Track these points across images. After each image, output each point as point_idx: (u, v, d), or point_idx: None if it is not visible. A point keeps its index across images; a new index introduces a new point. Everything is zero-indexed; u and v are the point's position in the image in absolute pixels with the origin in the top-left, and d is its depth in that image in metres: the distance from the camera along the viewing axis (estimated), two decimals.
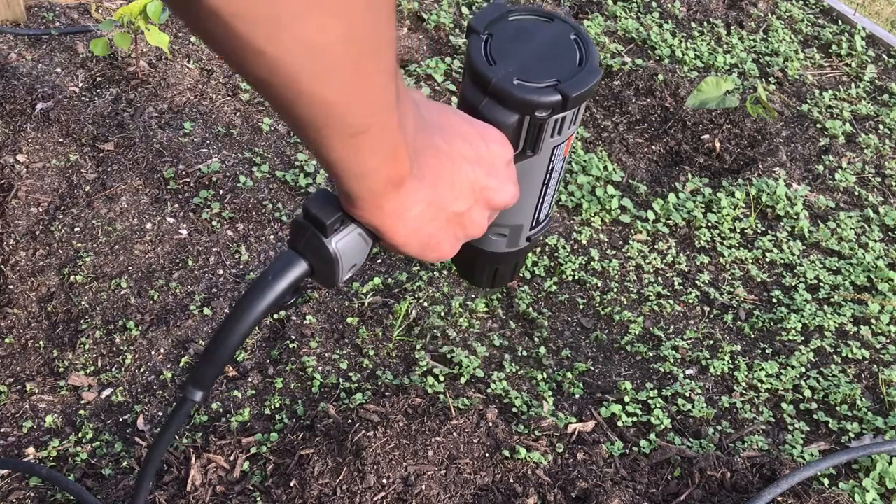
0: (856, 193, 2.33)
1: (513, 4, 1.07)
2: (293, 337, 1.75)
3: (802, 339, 1.90)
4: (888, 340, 1.92)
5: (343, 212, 0.65)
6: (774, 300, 2.00)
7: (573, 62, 0.74)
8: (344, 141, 0.56)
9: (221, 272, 1.87)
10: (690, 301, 1.97)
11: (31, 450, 1.53)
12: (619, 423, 1.66)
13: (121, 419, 1.60)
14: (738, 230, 2.17)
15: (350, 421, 1.55)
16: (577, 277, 1.98)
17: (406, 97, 0.60)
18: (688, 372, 1.80)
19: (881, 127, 2.56)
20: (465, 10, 2.77)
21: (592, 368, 1.79)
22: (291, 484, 1.44)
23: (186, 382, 0.70)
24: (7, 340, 1.70)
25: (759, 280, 2.05)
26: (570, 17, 0.98)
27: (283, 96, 0.52)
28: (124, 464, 1.51)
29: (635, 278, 2.01)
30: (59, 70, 2.29)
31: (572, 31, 0.77)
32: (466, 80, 0.74)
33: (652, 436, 1.64)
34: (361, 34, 0.51)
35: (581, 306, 1.93)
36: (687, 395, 1.74)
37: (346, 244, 0.66)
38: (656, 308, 1.94)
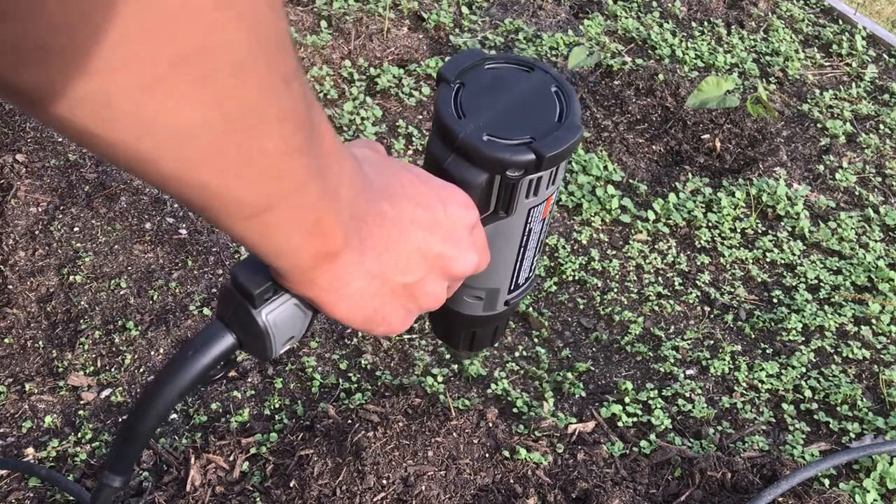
0: (856, 193, 2.32)
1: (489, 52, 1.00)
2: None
3: (803, 339, 1.90)
4: (889, 340, 1.92)
5: (273, 280, 0.57)
6: (775, 300, 1.99)
7: (552, 117, 0.67)
8: (241, 223, 0.47)
9: (221, 272, 1.87)
10: (691, 301, 1.97)
11: (30, 450, 1.53)
12: (620, 424, 1.66)
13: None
14: (739, 230, 2.17)
15: (350, 421, 1.54)
16: (577, 277, 1.98)
17: (341, 160, 0.52)
18: (688, 372, 1.80)
19: (882, 127, 2.56)
20: (465, 9, 2.77)
21: (592, 368, 1.79)
22: (291, 484, 1.44)
23: (103, 467, 0.64)
24: (6, 340, 1.70)
25: (759, 280, 2.05)
26: (552, 68, 0.92)
27: (147, 179, 0.43)
28: None
29: (635, 278, 2.01)
30: None
31: (553, 82, 0.70)
32: (433, 134, 0.67)
33: (652, 436, 1.63)
34: (236, 111, 0.41)
35: (581, 306, 1.92)
36: (687, 395, 1.74)
37: (278, 316, 0.59)
38: (656, 308, 1.94)
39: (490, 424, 1.56)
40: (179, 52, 0.37)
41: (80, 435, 1.56)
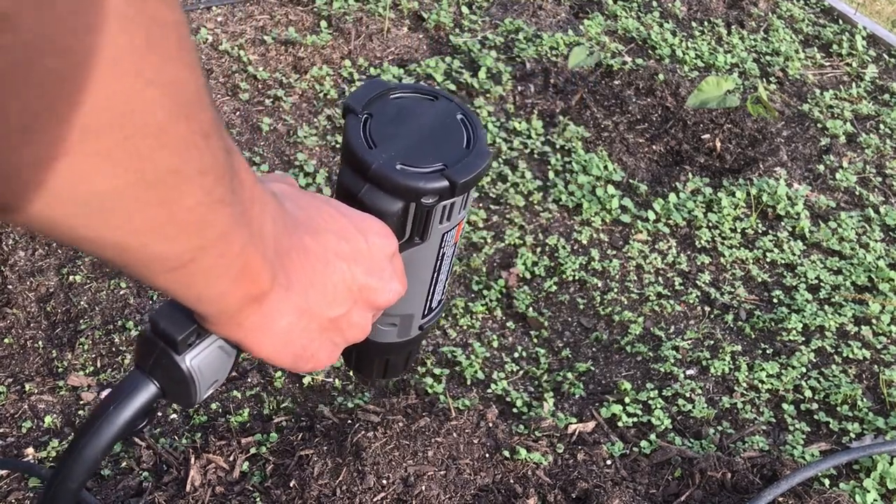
0: (857, 193, 2.32)
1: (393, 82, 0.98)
2: None
3: (803, 339, 1.90)
4: (889, 341, 1.92)
5: (197, 324, 0.56)
6: (775, 300, 1.99)
7: (460, 144, 0.68)
8: (163, 276, 0.46)
9: None
10: (691, 301, 1.97)
11: (30, 450, 1.52)
12: (620, 424, 1.66)
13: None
14: (739, 230, 2.17)
15: (350, 421, 1.54)
16: (577, 277, 1.98)
17: (263, 200, 0.51)
18: (688, 372, 1.80)
19: (882, 127, 2.56)
20: (465, 9, 2.77)
21: (593, 368, 1.79)
22: (291, 484, 1.44)
23: None
24: (6, 340, 1.70)
25: (759, 280, 2.04)
26: (455, 97, 0.92)
27: (67, 242, 0.41)
28: (123, 464, 1.51)
29: (636, 278, 2.01)
30: None
31: (458, 110, 0.71)
32: (344, 166, 0.67)
33: (652, 436, 1.63)
34: (162, 169, 0.40)
35: (581, 306, 1.92)
36: (687, 395, 1.74)
37: (202, 360, 0.57)
38: (657, 308, 1.94)
39: (490, 424, 1.56)
40: (89, 122, 0.36)
41: None
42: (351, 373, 1.73)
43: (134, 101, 0.37)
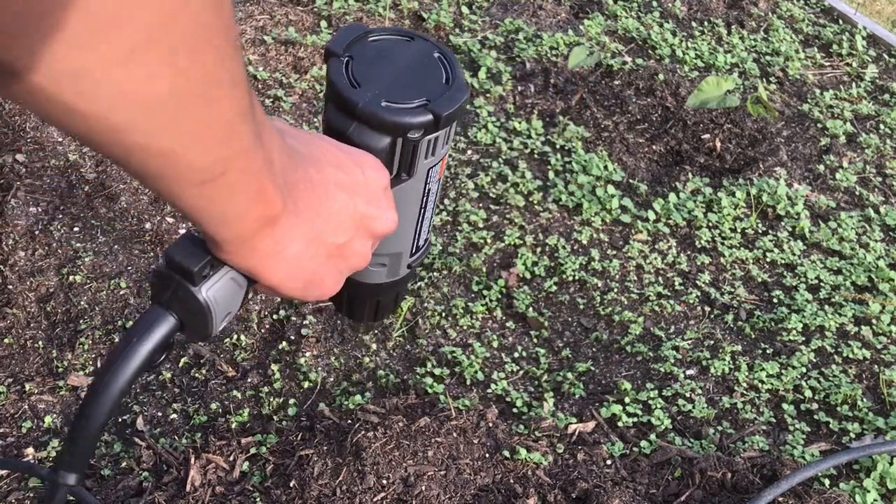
0: (857, 193, 2.32)
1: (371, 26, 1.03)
2: (293, 337, 1.75)
3: (803, 339, 1.90)
4: (889, 341, 1.92)
5: (212, 256, 0.59)
6: (775, 300, 1.99)
7: (440, 81, 0.72)
8: (193, 190, 0.49)
9: None
10: (691, 301, 1.97)
11: (30, 450, 1.52)
12: (620, 424, 1.66)
13: (120, 419, 1.60)
14: (739, 230, 2.17)
15: (350, 421, 1.54)
16: (577, 277, 1.98)
17: (269, 130, 0.54)
18: (688, 372, 1.80)
19: (882, 127, 2.56)
20: (465, 9, 2.77)
21: (592, 368, 1.79)
22: (291, 484, 1.44)
23: (56, 466, 0.62)
24: (6, 340, 1.70)
25: (759, 280, 2.04)
26: (431, 37, 1.00)
27: (110, 151, 0.45)
28: (123, 464, 1.51)
29: (636, 278, 2.01)
30: None
31: (435, 49, 0.75)
32: (330, 106, 0.70)
33: (652, 436, 1.63)
34: (199, 78, 0.44)
35: (581, 306, 1.92)
36: (687, 395, 1.74)
37: (217, 291, 0.60)
38: (657, 308, 1.94)
39: (490, 424, 1.56)
40: (149, 26, 0.39)
41: None
42: (343, 318, 1.73)
43: (185, 9, 0.41)
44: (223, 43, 0.45)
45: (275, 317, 1.80)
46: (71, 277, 1.81)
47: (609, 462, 1.56)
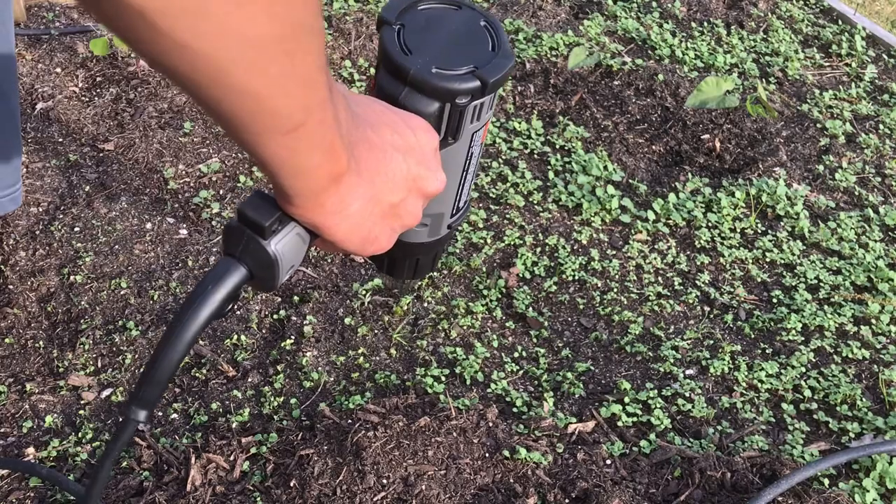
0: (856, 193, 2.33)
1: None
2: (293, 337, 1.75)
3: (803, 339, 1.90)
4: (888, 340, 1.92)
5: (281, 212, 0.63)
6: (775, 300, 2.00)
7: (487, 48, 0.75)
8: (278, 138, 0.54)
9: None
10: (690, 301, 1.97)
11: (31, 450, 1.53)
12: (619, 423, 1.66)
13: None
14: (739, 230, 2.17)
15: (350, 421, 1.55)
16: (577, 277, 1.98)
17: (336, 89, 0.58)
18: (688, 372, 1.80)
19: (881, 127, 2.56)
20: None
21: (592, 368, 1.79)
22: (291, 484, 1.44)
23: (128, 402, 0.66)
24: (7, 340, 1.70)
25: (759, 280, 2.05)
26: (477, 6, 1.07)
27: (209, 92, 0.50)
28: (124, 464, 1.51)
29: (635, 278, 2.01)
30: (59, 70, 2.29)
31: (481, 17, 0.78)
32: (382, 72, 0.74)
33: (652, 436, 1.64)
34: (295, 23, 0.49)
35: (581, 306, 1.92)
36: (687, 395, 1.74)
37: (284, 245, 0.65)
38: (656, 308, 1.94)
39: (490, 424, 1.56)
40: None
41: (80, 435, 1.56)
42: (382, 277, 1.74)
43: None
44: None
45: (275, 317, 1.80)
46: (71, 277, 1.81)
47: (609, 462, 1.56)
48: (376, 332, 1.79)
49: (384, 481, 1.43)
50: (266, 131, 0.53)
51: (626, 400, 1.70)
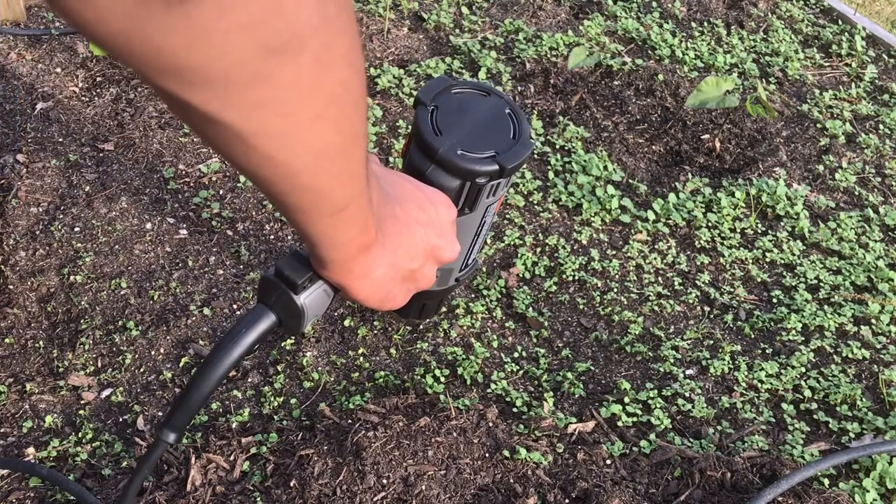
0: (856, 193, 2.33)
1: (455, 78, 1.20)
2: (293, 337, 1.75)
3: (803, 339, 1.90)
4: (888, 340, 1.92)
5: (312, 272, 0.73)
6: (775, 300, 2.00)
7: (508, 136, 0.84)
8: (325, 219, 0.64)
9: (221, 272, 1.87)
10: (690, 301, 1.97)
11: (31, 450, 1.53)
12: (619, 424, 1.66)
13: (121, 419, 1.60)
14: (739, 230, 2.17)
15: (350, 421, 1.55)
16: (577, 277, 1.98)
17: (371, 173, 0.67)
18: (688, 372, 1.80)
19: (881, 127, 2.56)
20: (465, 10, 2.77)
21: (592, 368, 1.79)
22: (291, 484, 1.44)
23: (161, 425, 0.74)
24: (7, 340, 1.70)
25: (759, 280, 2.05)
26: (505, 93, 1.21)
27: (280, 188, 0.59)
28: (124, 464, 1.51)
29: (635, 278, 2.01)
30: (59, 70, 2.29)
31: (507, 105, 0.86)
32: (413, 147, 0.82)
33: (652, 436, 1.64)
34: (350, 132, 0.58)
35: (581, 306, 1.92)
36: (687, 395, 1.74)
37: (312, 300, 0.74)
38: (656, 308, 1.94)
39: (490, 424, 1.56)
40: (329, 96, 0.54)
41: (80, 435, 1.56)
42: (388, 315, 1.84)
43: (351, 82, 0.56)
44: (363, 107, 0.59)
45: None
46: (72, 277, 1.81)
47: (609, 462, 1.56)
48: (376, 332, 1.79)
49: (384, 481, 1.43)
50: (319, 214, 0.63)
51: (626, 400, 1.70)
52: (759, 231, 2.18)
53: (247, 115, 0.52)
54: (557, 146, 2.33)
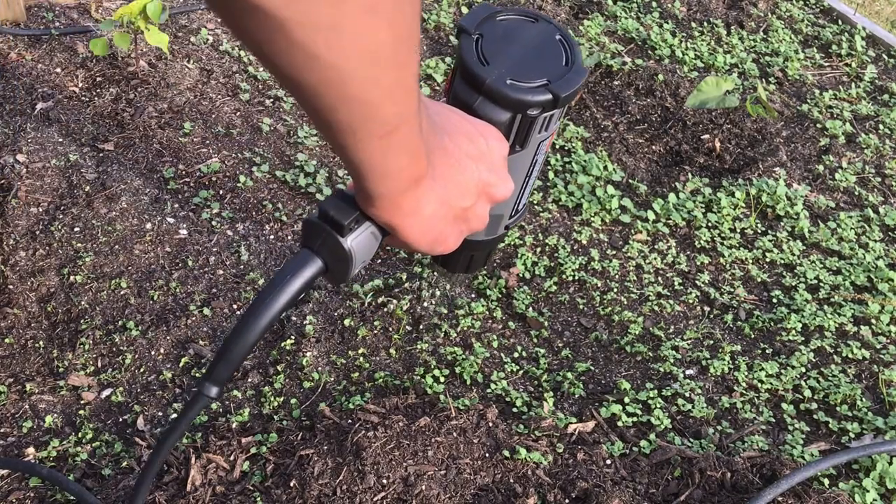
0: (856, 193, 2.33)
1: (500, 5, 1.11)
2: (293, 337, 1.75)
3: (802, 339, 1.90)
4: (888, 340, 1.92)
5: (359, 212, 0.67)
6: (774, 300, 2.00)
7: (560, 62, 0.77)
8: (375, 141, 0.58)
9: (221, 272, 1.87)
10: (690, 301, 1.97)
11: (31, 450, 1.53)
12: (619, 424, 1.66)
13: (121, 419, 1.60)
14: (739, 230, 2.17)
15: (350, 421, 1.55)
16: (577, 277, 1.98)
17: (423, 98, 0.62)
18: (688, 372, 1.80)
19: (881, 127, 2.56)
20: (464, 10, 2.77)
21: (592, 368, 1.79)
22: (291, 484, 1.44)
23: (203, 379, 0.70)
24: (7, 340, 1.70)
25: (759, 280, 2.05)
26: (553, 19, 1.11)
27: (326, 101, 0.54)
28: (124, 464, 1.51)
29: (635, 278, 2.01)
30: (59, 70, 2.29)
31: (557, 31, 0.80)
32: (458, 80, 0.77)
33: (652, 436, 1.64)
34: (404, 34, 0.53)
35: (581, 306, 1.92)
36: (687, 395, 1.74)
37: (359, 243, 0.69)
38: (656, 308, 1.94)
39: (490, 424, 1.56)
40: None
41: (80, 435, 1.56)
42: (433, 268, 1.78)
43: None
44: (418, 4, 0.54)
45: None
46: (71, 277, 1.81)
47: (609, 462, 1.56)
48: (376, 332, 1.79)
49: (384, 481, 1.43)
50: (368, 136, 0.57)
51: (626, 400, 1.70)
52: (759, 231, 2.18)
53: (291, 0, 0.47)
54: (557, 146, 2.33)
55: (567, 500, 1.47)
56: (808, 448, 1.65)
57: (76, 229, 1.91)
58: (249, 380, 1.67)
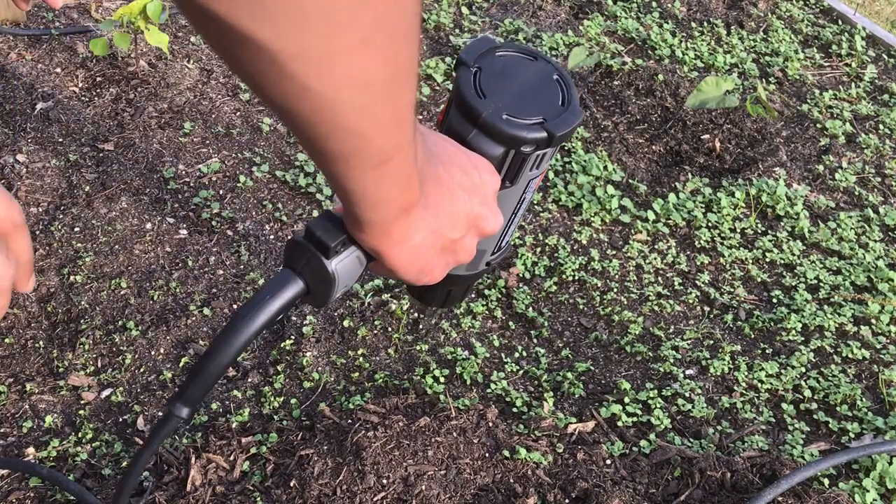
0: (856, 193, 2.33)
1: (501, 41, 1.10)
2: (293, 337, 1.75)
3: (802, 339, 1.90)
4: (888, 340, 1.92)
5: (346, 235, 0.66)
6: (774, 300, 2.00)
7: (557, 101, 0.77)
8: (368, 171, 0.57)
9: (221, 272, 1.87)
10: (690, 301, 1.97)
11: (31, 450, 1.53)
12: (619, 424, 1.66)
13: (121, 419, 1.60)
14: (739, 230, 2.17)
15: (350, 421, 1.55)
16: (577, 277, 1.98)
17: (418, 126, 0.61)
18: (688, 372, 1.80)
19: (881, 127, 2.56)
20: (464, 10, 2.77)
21: (592, 368, 1.79)
22: (291, 484, 1.44)
23: (174, 398, 0.67)
24: (7, 340, 1.70)
25: (759, 280, 2.05)
26: (552, 58, 1.10)
27: (319, 130, 0.54)
28: (124, 464, 1.51)
29: (635, 278, 2.01)
30: (59, 70, 2.29)
31: (555, 71, 0.80)
32: (454, 111, 0.76)
33: (652, 436, 1.64)
34: (399, 65, 0.52)
35: (581, 306, 1.92)
36: (687, 395, 1.74)
37: (344, 266, 0.68)
38: (656, 308, 1.94)
39: (490, 424, 1.56)
40: (373, 22, 0.48)
41: (80, 435, 1.56)
42: (410, 299, 1.77)
43: (400, 6, 0.50)
44: (415, 36, 0.52)
45: None
46: (72, 277, 1.81)
47: (609, 462, 1.56)
48: (376, 332, 1.79)
49: (384, 481, 1.43)
50: (360, 165, 0.57)
51: (626, 400, 1.70)
52: (759, 231, 2.18)
53: (283, 32, 0.46)
54: None
55: (567, 500, 1.47)
56: (808, 448, 1.65)
57: (76, 229, 1.91)
58: (249, 380, 1.67)
